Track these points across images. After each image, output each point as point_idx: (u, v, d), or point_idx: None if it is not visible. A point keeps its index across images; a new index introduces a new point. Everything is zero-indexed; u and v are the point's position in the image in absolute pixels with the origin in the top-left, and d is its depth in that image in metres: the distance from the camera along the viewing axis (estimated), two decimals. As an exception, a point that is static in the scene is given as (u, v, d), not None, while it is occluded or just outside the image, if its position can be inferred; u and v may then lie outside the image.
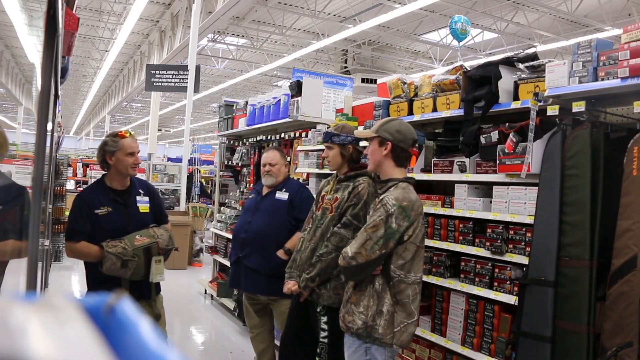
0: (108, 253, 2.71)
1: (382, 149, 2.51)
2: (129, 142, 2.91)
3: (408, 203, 2.36)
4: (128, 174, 2.95)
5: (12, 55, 18.26)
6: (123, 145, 2.88)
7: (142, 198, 3.04)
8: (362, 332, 2.38)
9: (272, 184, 3.69)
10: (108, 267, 2.72)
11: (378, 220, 2.34)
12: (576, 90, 2.47)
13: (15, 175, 11.60)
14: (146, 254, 2.82)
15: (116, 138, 2.91)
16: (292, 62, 14.51)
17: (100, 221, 2.84)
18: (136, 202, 2.99)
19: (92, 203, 2.88)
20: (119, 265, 2.72)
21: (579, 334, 2.34)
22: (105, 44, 15.68)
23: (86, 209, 2.86)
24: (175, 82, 10.34)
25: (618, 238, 2.27)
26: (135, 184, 3.06)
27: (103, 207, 2.87)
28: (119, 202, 2.93)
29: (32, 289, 1.56)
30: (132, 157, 2.91)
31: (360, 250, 2.33)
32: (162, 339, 0.38)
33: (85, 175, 15.70)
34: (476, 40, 13.10)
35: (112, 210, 2.89)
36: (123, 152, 2.88)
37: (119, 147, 2.88)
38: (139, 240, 2.82)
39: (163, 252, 2.90)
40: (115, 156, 2.88)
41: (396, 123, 2.57)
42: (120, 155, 2.88)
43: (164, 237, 2.93)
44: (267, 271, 3.46)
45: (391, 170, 2.51)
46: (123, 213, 2.92)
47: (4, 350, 0.30)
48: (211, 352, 4.90)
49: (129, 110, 29.19)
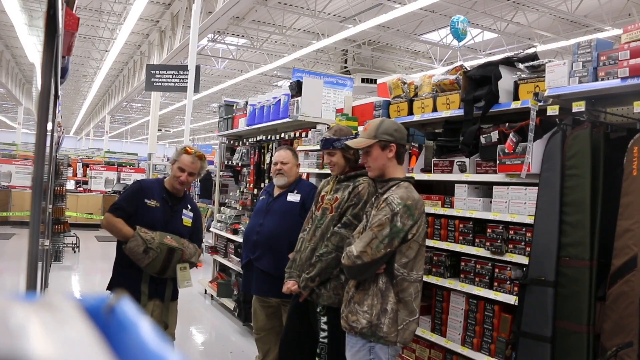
0: (138, 235, 2.92)
1: (386, 152, 2.48)
2: (187, 159, 3.10)
3: (412, 202, 2.37)
4: (173, 185, 3.14)
5: (12, 55, 18.28)
6: (180, 159, 3.10)
7: (188, 212, 3.23)
8: (366, 331, 2.38)
9: (284, 184, 3.62)
10: (131, 247, 2.90)
11: (384, 219, 2.34)
12: (576, 90, 2.47)
13: (15, 175, 11.54)
14: (169, 253, 2.97)
15: (181, 151, 3.13)
16: (292, 62, 14.51)
17: (144, 211, 3.03)
18: (182, 212, 3.20)
19: (146, 192, 3.09)
20: (141, 249, 2.90)
21: (579, 334, 2.34)
22: (105, 44, 15.68)
23: (139, 195, 3.07)
24: (175, 82, 10.33)
25: (618, 238, 2.27)
26: (187, 199, 3.30)
27: (153, 200, 3.08)
28: (168, 203, 3.14)
29: (32, 289, 1.56)
30: (181, 173, 3.09)
31: (365, 249, 2.33)
32: (162, 340, 0.38)
33: (85, 175, 15.72)
34: (476, 40, 13.09)
35: (159, 206, 3.08)
36: (177, 165, 3.10)
37: (177, 159, 3.12)
38: (168, 240, 3.00)
39: (186, 261, 3.07)
40: (173, 165, 3.14)
41: (390, 123, 2.55)
42: (175, 166, 3.12)
43: (190, 251, 3.11)
44: (279, 273, 3.34)
45: (394, 170, 2.51)
46: (167, 214, 3.11)
47: (4, 350, 0.30)
48: (211, 352, 4.90)
49: (129, 110, 29.18)
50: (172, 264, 3.01)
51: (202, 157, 3.16)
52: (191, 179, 3.15)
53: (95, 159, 18.73)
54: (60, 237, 8.67)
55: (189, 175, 3.11)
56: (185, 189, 3.29)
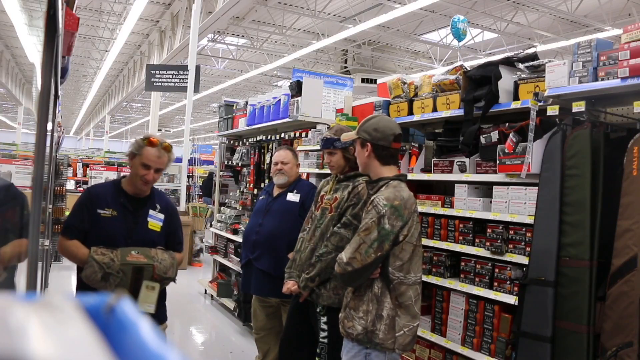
0: (92, 259, 2.36)
1: (364, 151, 2.42)
2: (151, 152, 2.52)
3: (400, 202, 2.27)
4: (135, 185, 2.58)
5: (12, 55, 18.27)
6: (143, 153, 2.52)
7: (156, 214, 2.63)
8: (362, 337, 2.31)
9: (284, 183, 3.63)
10: (87, 275, 2.37)
11: (370, 222, 2.26)
12: (576, 90, 2.48)
13: (15, 175, 11.57)
14: (136, 274, 2.40)
15: (143, 142, 2.54)
16: (292, 62, 14.51)
17: (100, 223, 2.49)
18: (147, 216, 2.60)
19: (98, 201, 2.54)
20: (99, 276, 2.35)
21: (579, 334, 2.34)
22: (105, 44, 15.68)
23: (89, 206, 2.53)
24: (175, 82, 10.34)
25: (618, 238, 2.27)
26: (155, 196, 2.69)
27: (108, 209, 2.53)
28: (128, 209, 2.57)
29: (32, 289, 1.56)
30: (146, 171, 2.52)
31: (355, 255, 2.25)
32: (162, 339, 0.38)
33: (85, 175, 15.72)
34: (476, 40, 13.09)
35: (116, 215, 2.53)
36: (139, 160, 2.52)
37: (138, 153, 2.53)
38: (132, 257, 2.42)
39: (158, 279, 2.46)
40: (133, 160, 2.55)
41: (374, 121, 2.45)
42: (137, 162, 2.53)
43: (165, 263, 2.50)
44: (278, 273, 3.34)
45: (378, 169, 2.42)
46: (128, 222, 2.55)
47: (4, 350, 0.30)
48: (211, 352, 4.90)
49: (129, 110, 29.18)
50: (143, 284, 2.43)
51: (169, 149, 2.59)
52: (158, 177, 2.58)
53: (95, 159, 18.73)
54: (60, 237, 8.66)
55: (155, 172, 2.54)
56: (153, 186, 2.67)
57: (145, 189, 2.61)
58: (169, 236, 2.67)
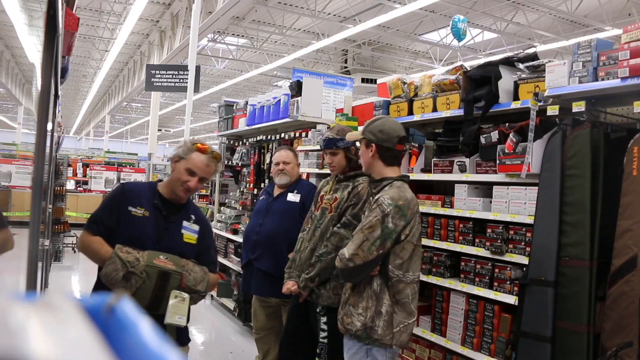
0: (115, 255, 2.15)
1: (368, 151, 2.48)
2: (200, 159, 2.31)
3: (404, 202, 2.33)
4: (174, 191, 2.36)
5: (12, 55, 18.29)
6: (190, 158, 2.31)
7: (190, 225, 2.40)
8: (361, 333, 2.37)
9: (286, 183, 3.64)
10: (108, 273, 2.14)
11: (374, 220, 2.31)
12: (576, 90, 2.48)
13: (15, 175, 11.55)
14: (161, 279, 2.15)
15: (193, 147, 2.33)
16: (292, 62, 14.50)
17: (129, 221, 2.28)
18: (180, 224, 2.37)
19: (130, 198, 2.33)
20: (120, 274, 2.12)
21: (579, 334, 2.34)
22: (105, 44, 15.68)
23: (121, 201, 2.32)
24: (175, 82, 10.33)
25: (618, 238, 2.27)
26: (190, 207, 2.47)
27: (140, 208, 2.31)
28: (161, 212, 2.34)
29: (32, 289, 1.56)
30: (190, 177, 2.31)
31: (357, 252, 2.30)
32: (162, 340, 0.38)
33: (85, 175, 15.73)
34: (476, 40, 13.09)
35: (148, 215, 2.31)
36: (185, 165, 2.31)
37: (186, 157, 2.32)
38: (160, 261, 2.18)
39: (186, 289, 2.21)
40: (177, 164, 2.34)
41: (379, 122, 2.51)
42: (181, 166, 2.32)
43: (195, 276, 2.25)
44: (278, 273, 3.34)
45: (382, 170, 2.48)
46: (159, 226, 2.32)
47: (4, 350, 0.30)
48: (211, 352, 4.90)
49: (129, 110, 29.18)
50: (167, 293, 2.16)
51: (219, 158, 2.41)
52: (200, 186, 2.39)
53: (95, 159, 18.73)
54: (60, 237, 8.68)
55: (199, 181, 2.34)
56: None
57: (184, 197, 2.39)
58: (200, 254, 2.40)
